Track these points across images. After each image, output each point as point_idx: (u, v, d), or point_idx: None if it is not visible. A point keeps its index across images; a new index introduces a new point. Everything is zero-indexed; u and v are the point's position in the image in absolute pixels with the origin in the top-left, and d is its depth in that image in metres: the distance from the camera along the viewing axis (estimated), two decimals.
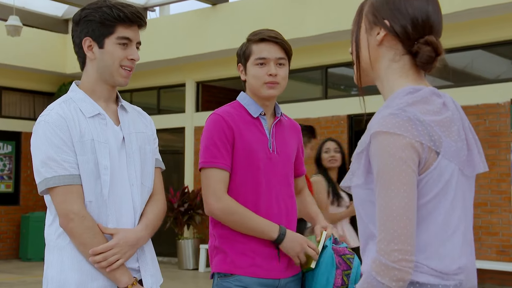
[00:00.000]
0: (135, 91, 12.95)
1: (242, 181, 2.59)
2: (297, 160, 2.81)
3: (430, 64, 1.64)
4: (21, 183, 12.98)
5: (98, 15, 2.21)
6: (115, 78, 2.27)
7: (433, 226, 1.56)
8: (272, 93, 2.64)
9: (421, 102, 1.58)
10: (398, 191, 1.49)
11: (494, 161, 8.42)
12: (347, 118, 9.93)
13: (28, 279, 10.08)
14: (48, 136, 2.14)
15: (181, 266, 11.15)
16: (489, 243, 8.54)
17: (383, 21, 1.66)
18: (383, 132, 1.52)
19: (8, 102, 13.05)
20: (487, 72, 9.20)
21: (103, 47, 2.23)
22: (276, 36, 2.66)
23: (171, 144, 12.92)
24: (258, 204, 2.59)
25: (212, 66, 11.47)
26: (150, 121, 2.49)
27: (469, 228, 1.66)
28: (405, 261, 1.47)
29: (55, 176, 2.14)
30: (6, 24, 10.44)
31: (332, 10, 9.33)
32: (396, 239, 1.47)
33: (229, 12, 10.57)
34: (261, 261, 2.58)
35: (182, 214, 11.08)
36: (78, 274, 2.15)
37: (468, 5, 8.13)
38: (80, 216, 2.14)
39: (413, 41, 1.63)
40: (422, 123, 1.53)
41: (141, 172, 2.31)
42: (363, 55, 1.72)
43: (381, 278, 1.47)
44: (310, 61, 10.13)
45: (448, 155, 1.55)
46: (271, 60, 2.63)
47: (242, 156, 2.58)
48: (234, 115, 2.63)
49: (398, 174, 1.49)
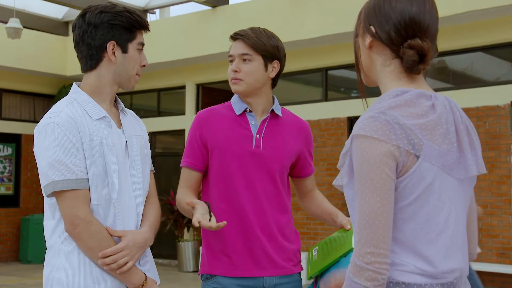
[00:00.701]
0: (135, 93, 12.96)
1: (218, 176, 2.63)
2: (301, 160, 2.76)
3: (414, 68, 1.63)
4: (21, 185, 12.98)
5: (125, 20, 2.25)
6: (131, 83, 2.32)
7: (416, 228, 1.59)
8: (235, 88, 2.66)
9: (404, 105, 1.58)
10: (371, 196, 1.53)
11: (494, 163, 8.42)
12: (347, 120, 9.93)
13: (28, 281, 10.07)
14: (57, 138, 2.13)
15: (181, 268, 11.15)
16: (489, 246, 8.53)
17: (369, 27, 1.68)
18: (361, 135, 1.55)
19: (9, 104, 13.06)
20: (487, 75, 9.20)
21: (127, 51, 2.27)
22: (243, 32, 2.68)
23: (171, 146, 12.92)
24: (236, 199, 2.59)
25: (212, 68, 11.48)
26: (143, 124, 2.51)
27: (461, 233, 1.66)
28: (378, 263, 1.51)
29: (63, 180, 2.12)
30: (7, 26, 10.45)
31: (332, 13, 9.33)
32: (369, 243, 1.52)
33: (229, 14, 10.58)
34: (238, 260, 2.58)
35: (182, 216, 11.07)
36: (85, 276, 2.15)
37: (468, 7, 8.14)
38: (87, 221, 2.13)
39: (399, 46, 1.64)
40: (402, 126, 1.54)
41: (142, 175, 2.32)
42: (361, 60, 1.75)
43: (357, 279, 1.52)
44: (310, 63, 10.14)
45: (429, 158, 1.56)
46: (236, 56, 2.67)
47: (216, 152, 2.62)
48: (219, 113, 2.68)
49: (372, 179, 1.53)
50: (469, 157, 1.63)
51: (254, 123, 2.67)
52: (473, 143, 1.67)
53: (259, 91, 2.67)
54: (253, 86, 2.64)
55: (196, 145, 2.64)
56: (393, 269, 1.58)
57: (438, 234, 1.59)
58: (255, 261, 2.59)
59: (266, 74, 2.67)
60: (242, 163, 2.60)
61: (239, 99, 2.70)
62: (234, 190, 2.59)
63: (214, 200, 2.62)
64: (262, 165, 2.61)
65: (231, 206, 2.58)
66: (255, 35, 2.65)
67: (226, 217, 2.55)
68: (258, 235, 2.58)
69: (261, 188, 2.61)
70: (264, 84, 2.68)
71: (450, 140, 1.60)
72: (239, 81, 2.64)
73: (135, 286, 2.22)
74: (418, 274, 1.57)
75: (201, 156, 2.64)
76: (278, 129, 2.69)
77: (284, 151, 2.67)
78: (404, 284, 1.57)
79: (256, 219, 2.59)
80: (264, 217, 2.61)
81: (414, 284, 1.56)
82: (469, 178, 1.66)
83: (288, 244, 2.67)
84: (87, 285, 2.15)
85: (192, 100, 12.04)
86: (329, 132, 9.91)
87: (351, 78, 10.90)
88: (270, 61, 2.67)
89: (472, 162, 1.64)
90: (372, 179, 1.53)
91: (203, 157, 2.65)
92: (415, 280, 1.57)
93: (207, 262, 2.64)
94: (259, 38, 2.65)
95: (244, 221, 2.58)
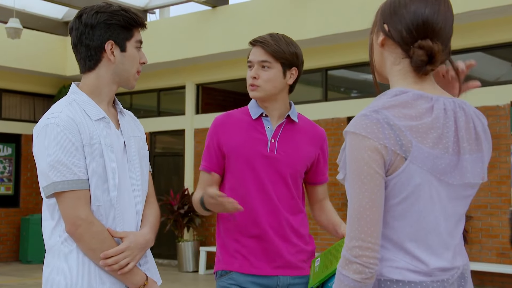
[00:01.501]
0: (135, 93, 12.96)
1: (232, 179, 2.69)
2: (314, 167, 2.80)
3: (423, 68, 1.65)
4: (21, 185, 12.99)
5: (122, 19, 2.26)
6: (131, 81, 2.32)
7: (406, 226, 1.62)
8: (254, 94, 2.70)
9: (399, 106, 1.60)
10: (360, 191, 1.57)
11: (494, 163, 8.42)
12: (347, 120, 9.93)
13: (28, 281, 10.07)
14: (58, 139, 2.12)
15: (181, 268, 11.15)
16: (489, 246, 8.53)
17: (383, 26, 1.71)
18: (351, 132, 1.60)
19: (8, 104, 13.06)
20: (487, 75, 9.20)
21: (125, 50, 2.27)
22: (262, 39, 2.69)
23: (171, 146, 12.92)
24: (249, 200, 2.65)
25: (212, 68, 11.48)
26: (141, 125, 2.51)
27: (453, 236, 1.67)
28: (365, 257, 1.55)
29: (64, 181, 2.12)
30: (6, 26, 10.45)
31: (332, 13, 9.34)
32: (357, 236, 1.56)
33: (229, 14, 10.58)
34: (253, 259, 2.63)
35: (182, 217, 11.08)
36: (86, 277, 2.15)
37: (468, 7, 8.14)
38: (88, 222, 2.13)
39: (409, 46, 1.66)
40: (391, 126, 1.57)
41: (141, 175, 2.33)
42: (374, 58, 1.78)
43: (346, 272, 1.57)
44: (310, 63, 10.13)
45: (417, 161, 1.57)
46: (255, 63, 2.69)
47: (231, 155, 2.69)
48: (235, 117, 2.74)
49: (360, 175, 1.57)
50: (467, 163, 1.63)
51: (269, 127, 2.71)
52: (481, 149, 1.67)
53: (277, 97, 2.71)
54: (271, 93, 2.69)
55: (212, 150, 2.72)
56: (385, 265, 1.61)
57: (427, 233, 1.62)
58: (269, 261, 2.64)
59: (284, 81, 2.71)
60: (255, 167, 2.66)
61: (256, 104, 2.75)
62: (247, 193, 2.66)
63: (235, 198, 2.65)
64: (275, 169, 2.67)
65: (244, 207, 2.62)
66: (274, 42, 2.67)
67: (239, 218, 2.64)
68: (271, 236, 2.64)
69: (273, 191, 2.66)
70: (282, 90, 2.72)
71: (444, 144, 1.60)
72: (257, 88, 2.68)
73: (137, 287, 2.22)
74: (409, 271, 1.60)
75: (217, 160, 2.72)
76: (293, 135, 2.73)
77: (297, 157, 2.71)
78: (396, 281, 1.60)
79: (269, 220, 2.65)
80: (277, 219, 2.66)
81: (406, 281, 1.60)
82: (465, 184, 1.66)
83: (303, 245, 2.72)
84: (87, 286, 2.15)
85: (192, 100, 12.04)
86: (329, 132, 9.90)
87: (351, 78, 10.91)
88: (288, 68, 2.70)
89: (470, 168, 1.64)
90: (360, 175, 1.57)
91: (219, 161, 2.72)
92: (407, 277, 1.60)
93: (222, 260, 2.70)
94: (279, 46, 2.67)
95: (257, 222, 2.64)
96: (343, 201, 9.87)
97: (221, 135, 2.71)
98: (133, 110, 13.14)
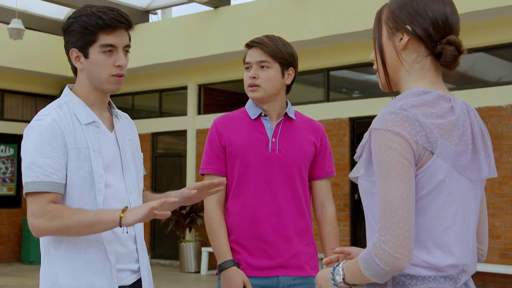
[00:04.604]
0: (136, 94, 12.97)
1: (235, 180, 2.69)
2: (314, 161, 2.79)
3: (455, 63, 1.70)
4: (23, 186, 12.98)
5: (78, 25, 2.18)
6: (104, 86, 2.24)
7: (425, 221, 1.63)
8: (253, 95, 2.71)
9: (425, 105, 1.64)
10: (395, 182, 1.57)
11: (497, 164, 8.34)
12: (349, 121, 9.93)
13: (30, 282, 10.08)
14: (38, 141, 2.12)
15: (183, 269, 11.15)
16: (491, 246, 8.52)
17: (405, 26, 1.72)
18: (382, 129, 1.60)
19: (10, 105, 13.07)
20: (489, 75, 9.19)
21: (88, 56, 2.21)
22: (260, 40, 2.71)
23: (173, 147, 12.93)
24: (252, 201, 2.66)
25: (214, 69, 11.48)
26: (135, 127, 2.49)
27: (469, 233, 1.69)
28: (402, 248, 1.55)
29: (35, 182, 2.11)
30: (9, 27, 10.47)
31: (333, 13, 9.33)
32: (394, 226, 1.55)
33: (231, 15, 10.58)
34: (254, 258, 2.65)
35: (184, 217, 11.07)
36: (75, 281, 2.15)
37: (470, 7, 8.13)
38: (44, 212, 2.08)
39: (436, 42, 1.70)
40: (421, 124, 1.60)
41: (137, 179, 2.32)
42: (388, 61, 1.77)
43: (378, 260, 1.56)
44: (311, 64, 10.13)
45: (443, 156, 1.61)
46: (253, 63, 2.71)
47: (234, 157, 2.69)
48: (234, 119, 2.76)
49: (395, 165, 1.57)
50: (483, 159, 1.69)
51: (269, 126, 2.74)
52: (487, 147, 1.73)
53: (275, 98, 2.73)
54: (270, 93, 2.70)
55: (218, 151, 2.71)
56: None
57: (445, 229, 1.64)
58: (270, 261, 2.65)
59: (283, 81, 2.73)
60: (259, 167, 2.67)
61: (253, 104, 2.76)
62: (250, 194, 2.66)
63: (231, 204, 2.69)
64: (279, 168, 2.68)
65: (247, 208, 2.63)
66: (272, 43, 2.70)
67: (241, 219, 2.65)
68: (273, 237, 2.65)
69: (278, 191, 2.67)
70: (280, 90, 2.74)
71: (465, 142, 1.66)
72: (257, 88, 2.70)
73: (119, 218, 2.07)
74: (422, 267, 1.62)
75: (221, 161, 2.71)
76: (292, 132, 2.75)
77: (299, 153, 2.72)
78: (409, 276, 1.62)
79: (271, 221, 2.65)
80: (280, 219, 2.66)
81: (418, 276, 1.61)
82: (480, 180, 1.72)
83: (304, 247, 2.72)
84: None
85: (194, 101, 12.04)
86: (330, 133, 9.89)
87: (352, 78, 10.90)
88: (286, 68, 2.73)
89: (485, 164, 1.70)
90: (395, 165, 1.57)
91: (223, 161, 2.71)
92: (419, 273, 1.61)
93: None
94: (276, 46, 2.70)
95: (259, 223, 2.65)
96: (345, 201, 9.87)
97: (224, 136, 2.71)
98: (135, 111, 13.15)
